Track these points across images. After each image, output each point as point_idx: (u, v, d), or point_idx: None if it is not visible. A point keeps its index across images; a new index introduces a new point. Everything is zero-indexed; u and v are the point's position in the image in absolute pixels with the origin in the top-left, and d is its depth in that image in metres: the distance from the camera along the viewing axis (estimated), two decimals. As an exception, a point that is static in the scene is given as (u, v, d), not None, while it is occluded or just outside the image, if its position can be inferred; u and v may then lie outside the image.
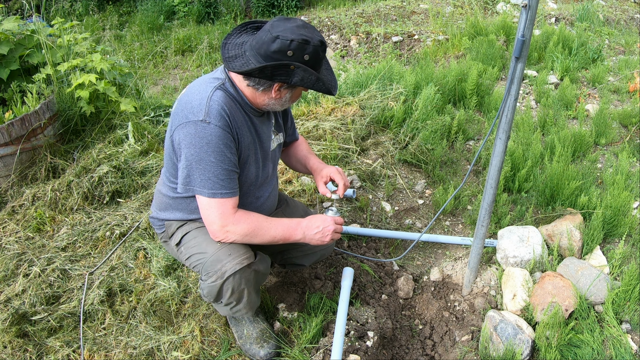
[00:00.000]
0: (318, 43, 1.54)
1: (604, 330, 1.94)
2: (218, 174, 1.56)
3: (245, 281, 1.69)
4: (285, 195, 2.17)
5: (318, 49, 1.55)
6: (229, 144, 1.57)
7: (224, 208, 1.60)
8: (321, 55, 1.58)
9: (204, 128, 1.53)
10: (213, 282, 1.65)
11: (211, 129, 1.53)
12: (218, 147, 1.54)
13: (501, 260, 2.31)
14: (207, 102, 1.55)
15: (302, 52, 1.51)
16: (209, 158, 1.54)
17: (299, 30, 1.52)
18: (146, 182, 2.84)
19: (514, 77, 1.61)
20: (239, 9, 9.57)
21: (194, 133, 1.53)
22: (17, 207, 2.74)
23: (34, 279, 2.27)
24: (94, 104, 3.16)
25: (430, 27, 5.74)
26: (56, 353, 1.96)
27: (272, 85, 1.58)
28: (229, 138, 1.57)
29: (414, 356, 2.06)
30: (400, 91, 3.48)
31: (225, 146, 1.56)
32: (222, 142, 1.55)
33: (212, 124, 1.53)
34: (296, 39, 1.50)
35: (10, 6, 8.17)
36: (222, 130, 1.55)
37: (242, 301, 1.75)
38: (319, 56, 1.57)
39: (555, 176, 2.68)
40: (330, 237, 1.73)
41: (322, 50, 1.57)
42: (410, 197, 2.87)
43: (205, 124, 1.53)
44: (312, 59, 1.55)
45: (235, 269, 1.64)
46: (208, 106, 1.54)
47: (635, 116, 3.61)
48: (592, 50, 4.80)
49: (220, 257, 1.66)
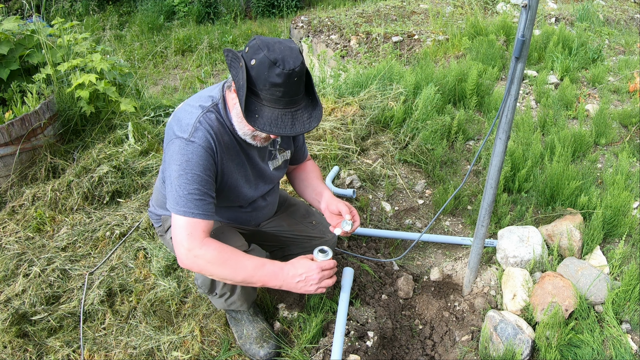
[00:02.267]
0: (271, 58, 1.38)
1: (604, 330, 1.94)
2: (192, 192, 1.51)
3: None
4: (287, 195, 2.17)
5: (265, 64, 1.38)
6: (209, 166, 1.54)
7: (193, 229, 1.51)
8: (269, 76, 1.39)
9: (187, 145, 1.51)
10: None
11: (194, 147, 1.51)
12: (197, 167, 1.51)
13: (501, 260, 2.31)
14: (195, 123, 1.53)
15: (253, 53, 1.41)
16: (186, 176, 1.51)
17: (277, 42, 1.43)
18: (146, 182, 2.84)
19: (514, 77, 1.61)
20: (239, 9, 9.58)
21: (178, 150, 1.52)
22: (17, 207, 2.74)
23: (34, 279, 2.27)
24: (94, 104, 3.16)
25: (430, 27, 5.74)
26: (56, 353, 1.96)
27: (231, 86, 1.55)
28: (209, 161, 1.54)
29: (414, 356, 2.06)
30: (400, 91, 3.48)
31: (204, 168, 1.52)
32: (201, 163, 1.52)
33: (195, 143, 1.51)
34: (258, 41, 1.42)
35: (10, 6, 8.17)
36: (204, 152, 1.52)
37: (236, 292, 1.74)
38: (264, 73, 1.39)
39: (555, 176, 2.67)
40: (316, 286, 1.54)
41: (273, 72, 1.38)
42: (410, 197, 2.87)
43: (189, 142, 1.51)
44: (256, 69, 1.40)
45: None
46: (195, 127, 1.53)
47: (635, 116, 3.61)
48: (592, 50, 4.80)
49: None
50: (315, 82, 3.90)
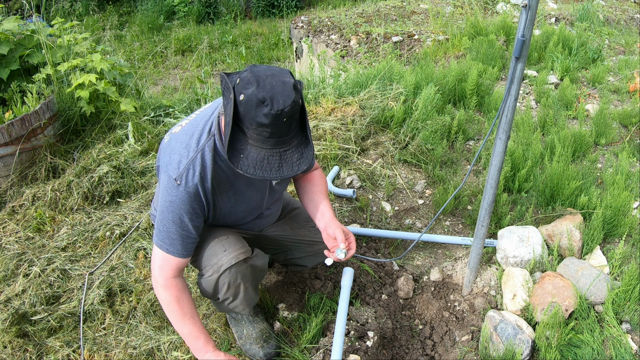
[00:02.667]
0: (259, 96, 1.29)
1: (604, 330, 1.94)
2: (171, 232, 1.55)
3: (242, 276, 1.69)
4: (290, 198, 2.16)
5: (254, 102, 1.30)
6: (191, 210, 1.53)
7: (164, 263, 1.57)
8: (256, 116, 1.31)
9: (173, 188, 1.50)
10: (209, 276, 1.66)
11: (179, 192, 1.50)
12: (179, 211, 1.52)
13: (501, 260, 2.31)
14: (187, 166, 1.49)
15: (242, 87, 1.33)
16: (168, 215, 1.53)
17: (270, 76, 1.33)
18: (146, 182, 2.84)
19: (514, 77, 1.61)
20: (239, 9, 9.58)
21: (165, 186, 1.53)
22: (17, 207, 2.74)
23: (34, 279, 2.27)
24: (94, 104, 3.16)
25: (430, 27, 5.74)
26: (56, 353, 1.96)
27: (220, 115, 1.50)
28: (192, 205, 1.53)
29: (414, 356, 2.06)
30: (400, 91, 3.48)
31: (186, 212, 1.52)
32: (183, 207, 1.51)
33: (181, 187, 1.49)
34: (252, 73, 1.34)
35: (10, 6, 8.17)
36: (189, 197, 1.50)
37: (239, 297, 1.74)
38: (250, 112, 1.31)
39: (555, 176, 2.67)
40: None
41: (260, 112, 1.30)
42: (410, 197, 2.87)
43: (176, 184, 1.49)
44: (244, 105, 1.32)
45: (231, 263, 1.64)
46: (186, 170, 1.49)
47: (635, 116, 3.61)
48: (592, 50, 4.80)
49: (216, 252, 1.67)
50: (315, 82, 3.90)
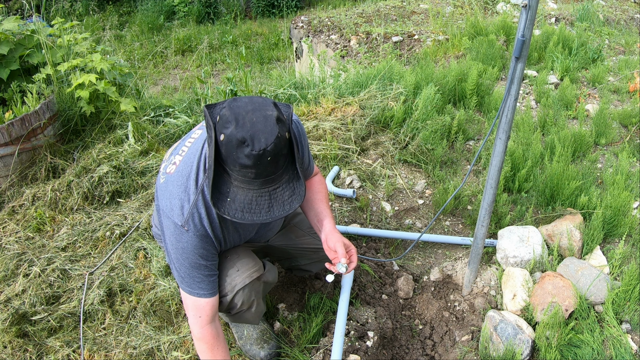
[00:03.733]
0: (238, 137, 1.20)
1: (604, 330, 1.94)
2: (194, 276, 1.52)
3: (255, 292, 1.70)
4: None
5: (234, 144, 1.21)
6: (205, 252, 1.51)
7: (198, 310, 1.55)
8: (239, 158, 1.22)
9: (182, 234, 1.45)
10: (223, 296, 1.64)
11: (189, 237, 1.45)
12: (193, 256, 1.49)
13: (501, 260, 2.31)
14: (191, 210, 1.44)
15: (221, 127, 1.24)
16: (184, 262, 1.50)
17: (251, 111, 1.23)
18: (146, 182, 2.84)
19: (514, 77, 1.61)
20: (239, 9, 9.58)
21: (172, 233, 1.47)
22: (17, 207, 2.74)
23: (34, 279, 2.27)
24: (94, 104, 3.16)
25: (430, 27, 5.74)
26: (56, 353, 1.96)
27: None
28: (205, 247, 1.50)
29: (414, 356, 2.06)
30: (400, 91, 3.48)
31: (201, 256, 1.50)
32: (197, 252, 1.48)
33: (190, 232, 1.45)
34: (231, 110, 1.24)
35: (10, 6, 8.17)
36: (199, 240, 1.47)
37: (251, 310, 1.75)
38: (232, 153, 1.23)
39: (555, 176, 2.67)
40: None
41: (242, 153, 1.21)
42: (410, 197, 2.87)
43: (184, 230, 1.45)
44: (225, 146, 1.23)
45: (245, 283, 1.64)
46: (191, 214, 1.44)
47: (635, 116, 3.61)
48: (592, 50, 4.80)
49: (229, 272, 1.65)
50: (315, 82, 3.89)
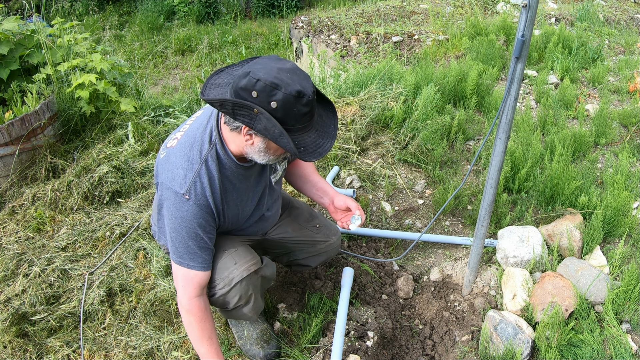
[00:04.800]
0: (292, 92, 1.30)
1: (604, 330, 1.94)
2: (189, 247, 1.54)
3: (253, 287, 1.70)
4: (290, 198, 2.16)
5: (291, 99, 1.31)
6: (204, 223, 1.53)
7: (187, 281, 1.57)
8: (299, 109, 1.34)
9: (182, 203, 1.48)
10: (221, 289, 1.64)
11: (189, 206, 1.48)
12: (191, 225, 1.51)
13: (501, 260, 2.31)
14: (193, 179, 1.48)
15: (268, 96, 1.30)
16: (181, 232, 1.52)
17: (277, 72, 1.31)
18: (146, 182, 2.84)
19: (514, 77, 1.61)
20: (239, 9, 9.57)
21: (172, 203, 1.50)
22: (17, 207, 2.74)
23: (34, 279, 2.27)
24: (94, 104, 3.16)
25: (430, 27, 5.74)
26: (56, 353, 1.96)
27: (239, 127, 1.42)
28: (204, 217, 1.52)
29: (414, 356, 2.06)
30: (400, 91, 3.48)
31: (199, 225, 1.52)
32: (196, 221, 1.51)
33: (191, 200, 1.48)
34: (265, 79, 1.30)
35: (10, 6, 8.17)
36: (200, 210, 1.50)
37: (249, 306, 1.75)
38: (291, 107, 1.32)
39: (555, 176, 2.67)
40: None
41: (300, 104, 1.33)
42: (410, 197, 2.87)
43: (185, 199, 1.48)
44: (282, 109, 1.32)
45: (242, 276, 1.64)
46: (193, 183, 1.48)
47: (635, 116, 3.61)
48: (592, 50, 4.80)
49: (227, 265, 1.65)
50: (315, 82, 3.90)
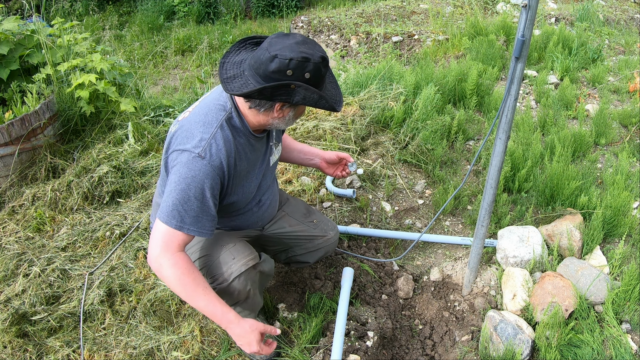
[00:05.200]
0: (319, 59, 1.48)
1: (604, 330, 1.94)
2: (188, 209, 1.50)
3: (251, 282, 1.70)
4: (287, 195, 2.18)
5: (319, 66, 1.48)
6: (213, 184, 1.53)
7: (170, 240, 1.51)
8: (323, 71, 1.52)
9: (196, 162, 1.50)
10: (219, 284, 1.65)
11: (202, 165, 1.50)
12: (201, 185, 1.50)
13: (501, 260, 2.31)
14: (209, 140, 1.52)
15: (302, 70, 1.45)
16: (189, 192, 1.49)
17: (298, 47, 1.45)
18: (146, 182, 2.84)
19: (514, 77, 1.61)
20: (239, 9, 9.57)
21: (185, 162, 1.50)
22: (17, 207, 2.74)
23: (34, 279, 2.27)
24: (94, 104, 3.16)
25: (430, 27, 5.74)
26: (56, 353, 1.96)
27: (273, 106, 1.52)
28: (215, 180, 1.53)
29: (414, 356, 2.06)
30: (400, 91, 3.48)
31: (209, 187, 1.52)
32: (207, 181, 1.51)
33: (205, 160, 1.50)
34: (295, 57, 1.44)
35: (10, 6, 8.17)
36: (212, 170, 1.51)
37: (247, 302, 1.75)
38: (320, 73, 1.50)
39: (555, 176, 2.67)
40: (256, 348, 1.55)
41: (323, 66, 1.51)
42: (410, 197, 2.87)
43: (200, 158, 1.50)
44: (314, 76, 1.48)
45: (241, 270, 1.65)
46: (209, 144, 1.52)
47: (635, 116, 3.61)
48: (592, 50, 4.80)
49: (225, 260, 1.66)
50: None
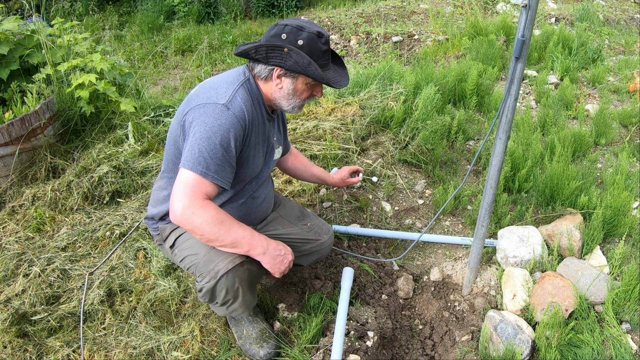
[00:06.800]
0: (314, 32, 1.59)
1: (604, 330, 1.94)
2: (213, 156, 1.53)
3: (239, 280, 1.69)
4: (281, 196, 2.18)
5: (314, 36, 1.59)
6: (237, 137, 1.59)
7: (199, 188, 1.50)
8: (320, 46, 1.62)
9: (223, 111, 1.56)
10: (207, 282, 1.66)
11: (229, 114, 1.56)
12: (227, 134, 1.55)
13: (501, 260, 2.31)
14: (233, 93, 1.61)
15: (295, 36, 1.59)
16: (215, 140, 1.53)
17: (299, 21, 1.61)
18: (146, 182, 2.84)
19: (514, 77, 1.61)
20: (239, 9, 9.57)
21: (211, 113, 1.55)
22: (17, 207, 2.74)
23: (34, 279, 2.27)
24: (94, 104, 3.16)
25: (430, 27, 5.74)
26: (56, 353, 1.96)
27: (271, 72, 1.64)
28: (239, 131, 1.59)
29: (414, 356, 2.06)
30: (400, 91, 3.48)
31: (233, 137, 1.57)
32: (232, 131, 1.56)
33: (231, 110, 1.57)
34: (291, 24, 1.59)
35: (10, 6, 8.17)
36: (237, 122, 1.58)
37: (238, 300, 1.75)
38: (316, 45, 1.60)
39: (555, 176, 2.68)
40: (287, 266, 1.71)
41: (320, 42, 1.61)
42: (410, 197, 2.87)
43: (225, 108, 1.57)
44: (307, 46, 1.59)
45: (227, 268, 1.64)
46: (233, 96, 1.60)
47: (635, 116, 3.61)
48: (592, 50, 4.80)
49: (212, 257, 1.66)
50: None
